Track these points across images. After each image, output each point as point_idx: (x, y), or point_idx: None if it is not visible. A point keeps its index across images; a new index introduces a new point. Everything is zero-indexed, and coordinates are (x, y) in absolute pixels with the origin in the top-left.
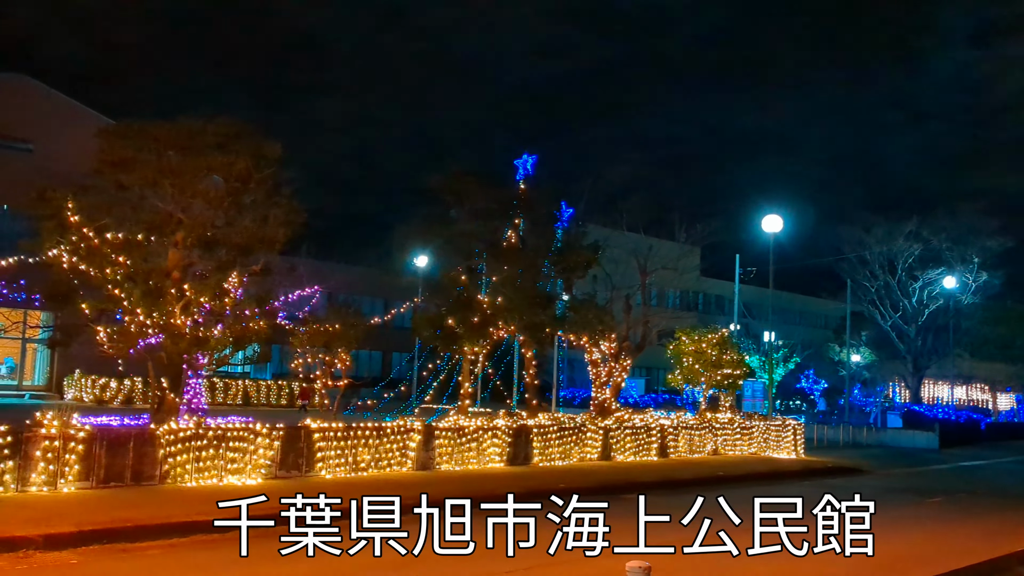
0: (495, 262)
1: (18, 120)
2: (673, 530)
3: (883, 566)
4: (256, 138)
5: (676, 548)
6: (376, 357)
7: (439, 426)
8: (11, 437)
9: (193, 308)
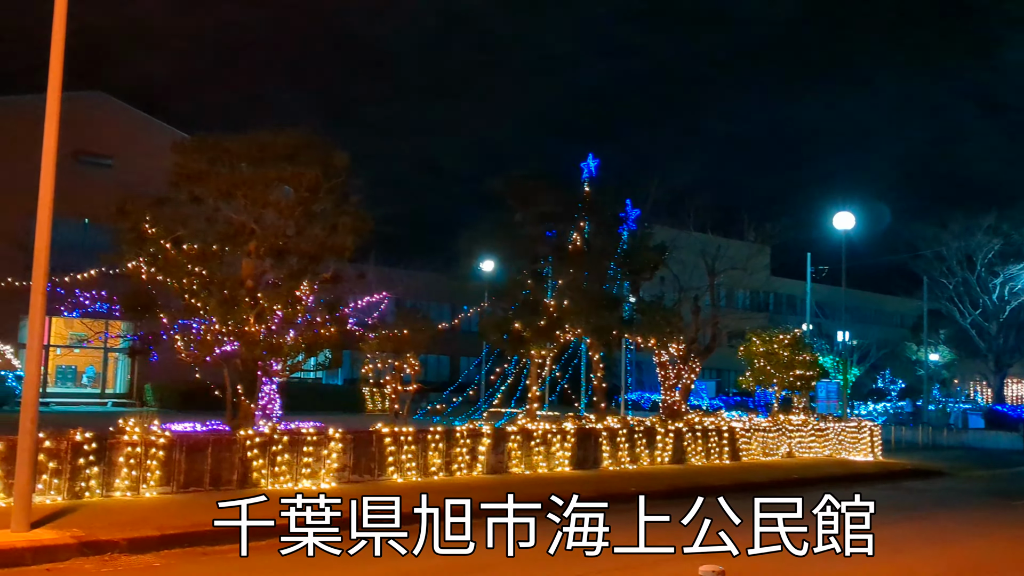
0: (561, 265)
1: (98, 136)
2: (744, 532)
3: (964, 570)
4: (324, 148)
5: (742, 551)
6: (444, 362)
7: (508, 430)
8: (96, 444)
9: (266, 316)
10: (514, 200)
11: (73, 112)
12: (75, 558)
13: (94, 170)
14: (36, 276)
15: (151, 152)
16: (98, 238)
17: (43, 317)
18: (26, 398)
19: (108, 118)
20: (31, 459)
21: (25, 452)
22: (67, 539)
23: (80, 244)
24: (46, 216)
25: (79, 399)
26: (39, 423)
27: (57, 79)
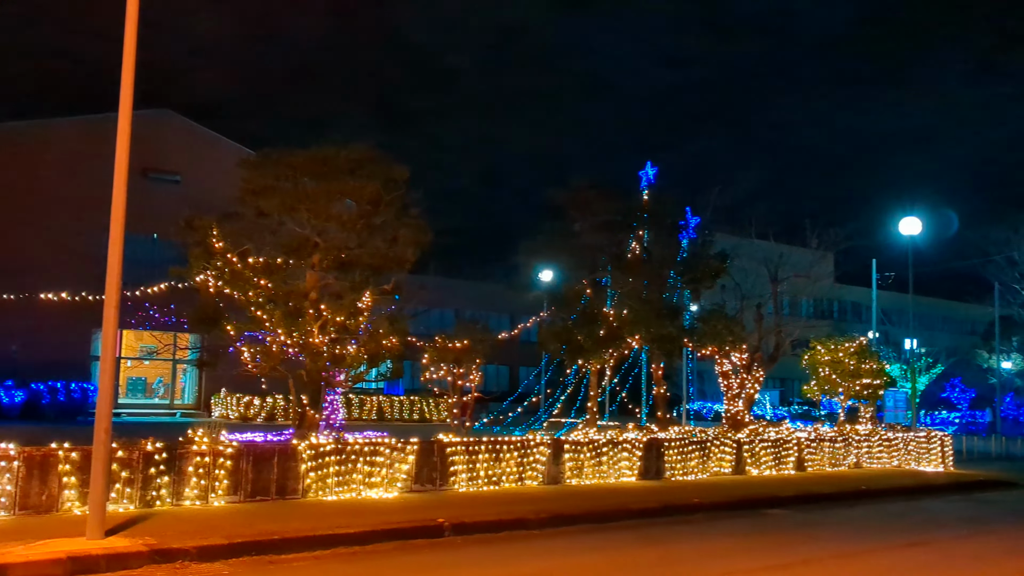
0: (620, 274)
1: (166, 153)
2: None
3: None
4: (385, 162)
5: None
6: (503, 372)
7: (568, 440)
8: (166, 454)
9: (330, 327)
10: (573, 209)
11: (142, 130)
12: (147, 565)
13: (162, 186)
14: (109, 290)
15: (217, 168)
16: (166, 253)
17: (116, 330)
18: (100, 409)
19: (175, 136)
20: (105, 469)
21: (99, 462)
22: (140, 547)
23: (149, 259)
24: (118, 232)
25: (149, 410)
26: (112, 433)
27: (128, 99)
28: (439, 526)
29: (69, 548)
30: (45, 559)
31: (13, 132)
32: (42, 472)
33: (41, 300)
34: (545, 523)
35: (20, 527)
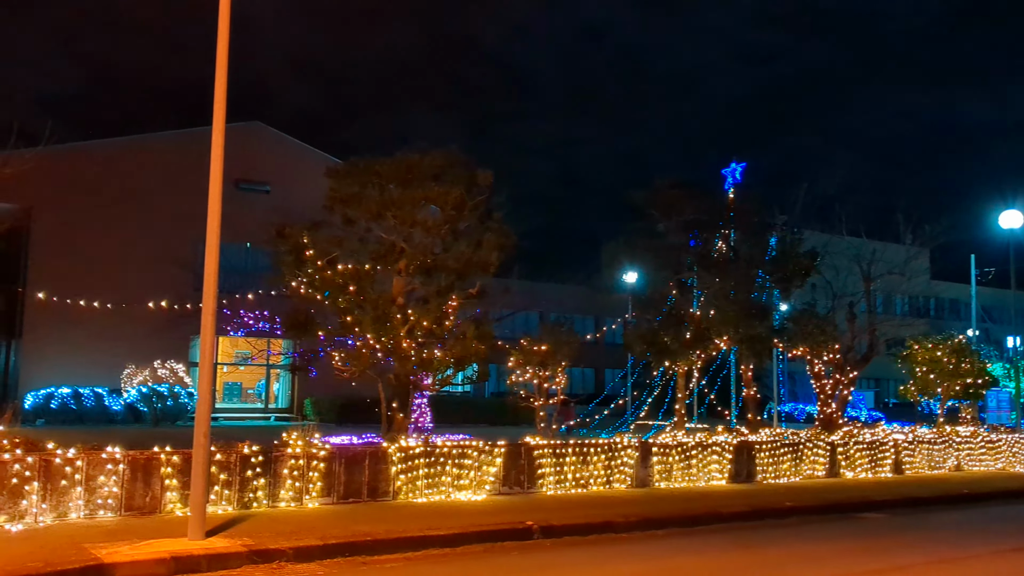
0: (706, 274)
1: (257, 164)
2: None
3: None
4: (468, 167)
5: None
6: (589, 374)
7: (656, 442)
8: (262, 456)
9: (417, 331)
10: (657, 209)
11: (234, 143)
12: (246, 566)
13: (253, 197)
14: (206, 298)
15: (305, 178)
16: (259, 261)
17: (214, 337)
18: (199, 413)
19: (265, 147)
20: (205, 472)
21: (199, 465)
22: (238, 547)
23: (243, 267)
24: (214, 242)
25: (244, 414)
26: (210, 437)
27: (221, 115)
28: (528, 528)
29: (172, 548)
30: (150, 559)
31: (116, 147)
32: (145, 475)
33: (144, 308)
34: (634, 526)
35: (125, 528)
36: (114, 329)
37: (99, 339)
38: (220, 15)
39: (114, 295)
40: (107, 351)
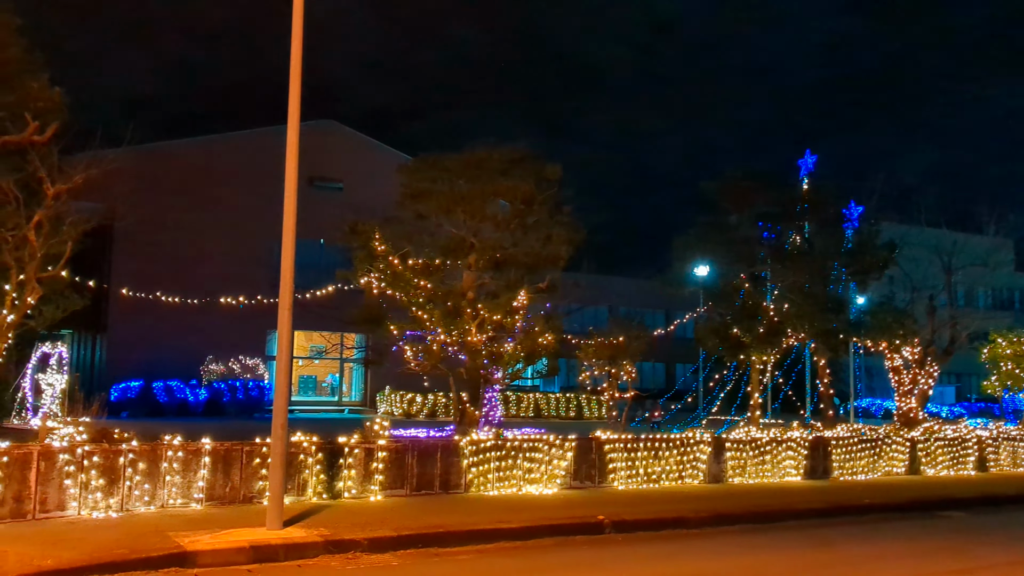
0: (780, 267)
1: (329, 162)
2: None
3: None
4: (537, 161)
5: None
6: (659, 369)
7: (729, 438)
8: (338, 449)
9: (487, 326)
10: (729, 202)
11: (307, 141)
12: (322, 555)
13: (327, 194)
14: (283, 294)
15: (377, 174)
16: (332, 256)
17: (290, 331)
18: (277, 406)
19: (338, 145)
20: (282, 463)
21: (276, 456)
22: (315, 537)
23: (317, 263)
24: (290, 238)
25: (319, 406)
26: (287, 429)
27: (296, 114)
28: (599, 523)
29: (251, 538)
30: (230, 547)
31: (195, 147)
32: (225, 466)
33: (221, 304)
34: (707, 522)
35: (207, 517)
36: (194, 324)
37: (180, 333)
38: (294, 19)
39: (193, 290)
40: (187, 345)
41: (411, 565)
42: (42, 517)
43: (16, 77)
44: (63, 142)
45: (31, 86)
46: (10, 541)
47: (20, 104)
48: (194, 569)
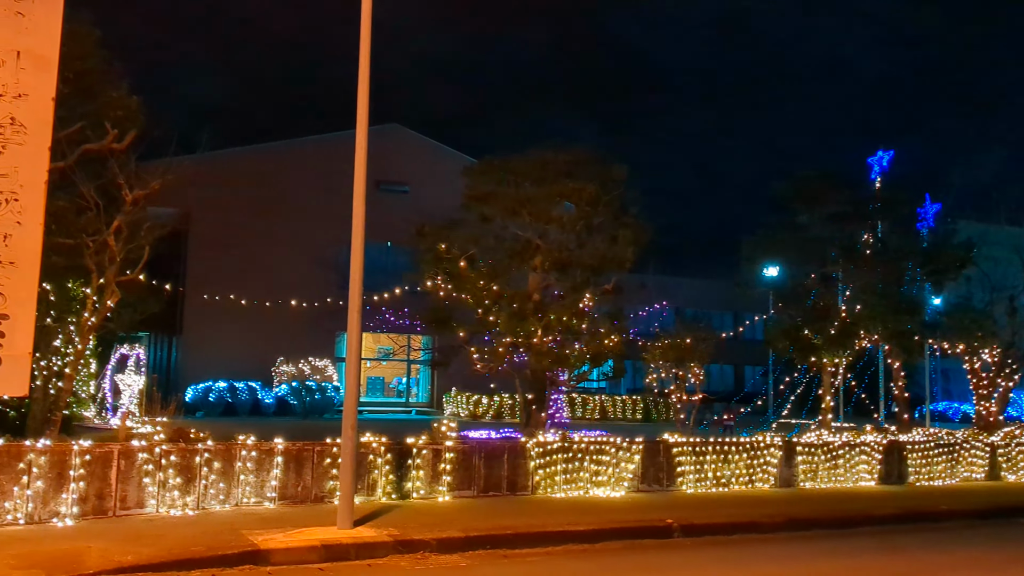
0: (852, 267)
1: (396, 166)
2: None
3: None
4: (602, 163)
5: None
6: (728, 371)
7: (801, 441)
8: (406, 449)
9: (553, 327)
10: (799, 201)
11: (374, 145)
12: (391, 555)
13: (393, 197)
14: (352, 296)
15: (442, 177)
16: (399, 259)
17: (360, 333)
18: (347, 407)
19: (404, 148)
20: (352, 463)
21: (347, 457)
22: (384, 537)
23: (384, 265)
24: (359, 242)
25: (387, 408)
26: (357, 430)
27: (364, 120)
28: (668, 527)
29: (322, 536)
30: (302, 546)
31: (265, 152)
32: (297, 465)
33: (291, 306)
34: (778, 527)
35: (279, 515)
36: (265, 325)
37: (251, 335)
38: (362, 27)
39: (265, 293)
40: (259, 346)
41: (479, 566)
42: (122, 514)
43: (96, 87)
44: (140, 149)
45: (110, 95)
46: (92, 537)
47: (100, 113)
48: (268, 567)
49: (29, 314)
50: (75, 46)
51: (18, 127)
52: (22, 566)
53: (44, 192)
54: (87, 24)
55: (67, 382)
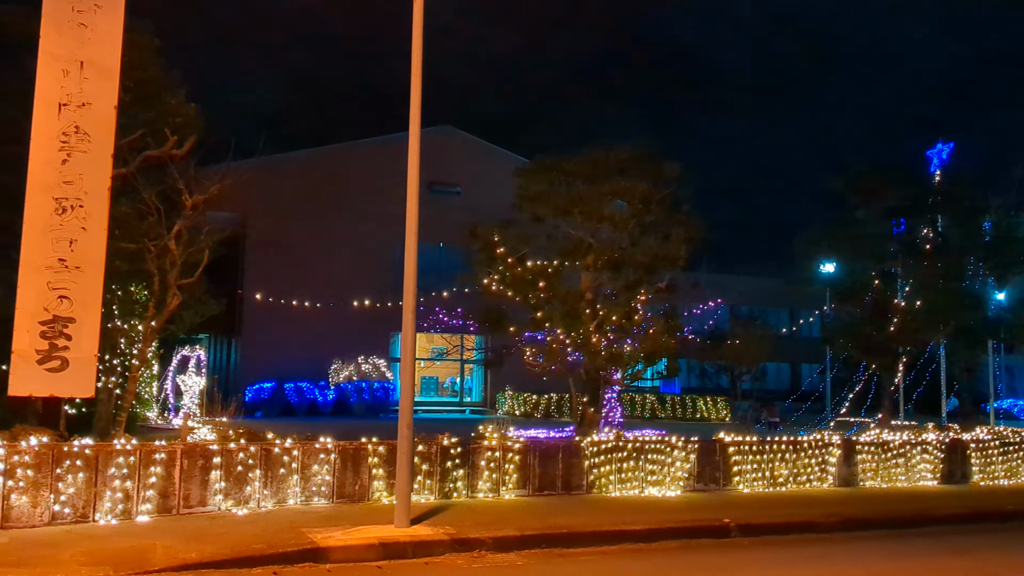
0: (912, 263)
1: (448, 167)
2: None
3: None
4: (654, 160)
5: None
6: (784, 369)
7: (860, 440)
8: (461, 449)
9: (606, 326)
10: (855, 196)
11: (426, 146)
12: (448, 553)
13: (445, 198)
14: (407, 297)
15: (494, 178)
16: (451, 259)
17: (414, 333)
18: (402, 406)
19: (456, 149)
20: (409, 462)
21: (403, 455)
22: (441, 536)
23: (437, 266)
24: (412, 243)
25: (441, 407)
26: (412, 429)
27: (416, 122)
28: (725, 526)
29: (380, 535)
30: (360, 544)
31: (320, 156)
32: (354, 464)
33: (347, 307)
34: (837, 527)
35: (336, 514)
36: (321, 327)
37: (308, 336)
38: (414, 30)
39: (321, 295)
40: (315, 347)
41: (536, 565)
42: (185, 512)
43: (156, 95)
44: (199, 155)
45: (169, 103)
46: (157, 535)
47: (159, 120)
48: (327, 564)
49: (94, 317)
50: (135, 55)
51: (82, 135)
52: (91, 563)
53: (108, 198)
54: (146, 33)
55: (131, 383)
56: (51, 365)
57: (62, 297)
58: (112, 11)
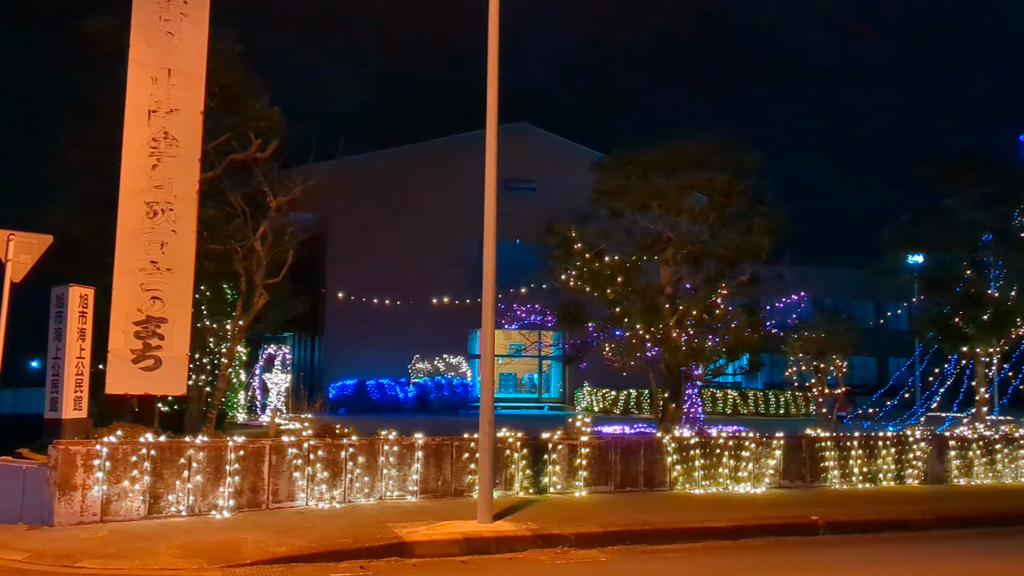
0: (1006, 252)
1: (524, 164)
2: None
3: None
4: (734, 151)
5: None
6: (870, 363)
7: (953, 436)
8: (542, 445)
9: (686, 321)
10: (945, 184)
11: (502, 143)
12: (531, 549)
13: (522, 195)
14: (485, 294)
15: (569, 174)
16: (528, 256)
17: (493, 330)
18: (483, 403)
19: (531, 146)
20: (490, 458)
21: (485, 452)
22: (524, 531)
23: (514, 263)
24: (491, 240)
25: (519, 403)
26: (493, 425)
27: (493, 121)
28: (813, 524)
29: (463, 530)
30: (445, 539)
31: (398, 155)
32: (437, 460)
33: (426, 304)
34: (930, 525)
35: (421, 509)
36: (401, 324)
37: (388, 334)
38: (490, 29)
39: (400, 293)
40: (396, 345)
41: (619, 561)
42: (274, 507)
43: (239, 100)
44: (281, 158)
45: (252, 107)
46: (248, 529)
47: (243, 124)
48: (412, 559)
49: (185, 317)
50: (219, 61)
51: (171, 140)
52: (185, 555)
53: (196, 201)
54: (229, 40)
55: (221, 381)
56: (145, 364)
57: (154, 298)
58: (197, 19)
